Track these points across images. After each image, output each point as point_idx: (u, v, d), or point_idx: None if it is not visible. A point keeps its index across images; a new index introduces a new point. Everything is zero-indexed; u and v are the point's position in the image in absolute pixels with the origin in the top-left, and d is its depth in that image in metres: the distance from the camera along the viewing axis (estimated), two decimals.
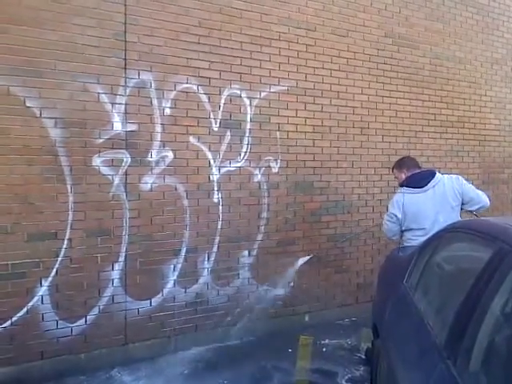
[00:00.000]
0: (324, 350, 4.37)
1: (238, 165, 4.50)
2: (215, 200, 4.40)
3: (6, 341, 3.54)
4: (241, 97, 4.48)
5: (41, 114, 3.59)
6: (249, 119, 4.53)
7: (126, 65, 3.91)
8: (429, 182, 3.78)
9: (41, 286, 3.66)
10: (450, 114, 5.89)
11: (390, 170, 4.33)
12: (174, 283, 4.23)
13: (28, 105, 3.54)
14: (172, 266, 4.21)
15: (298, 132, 4.82)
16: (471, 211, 3.90)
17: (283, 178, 4.76)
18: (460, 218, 3.77)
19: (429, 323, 2.21)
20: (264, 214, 4.68)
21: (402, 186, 3.92)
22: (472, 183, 4.10)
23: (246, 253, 4.60)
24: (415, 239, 3.69)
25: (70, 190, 3.72)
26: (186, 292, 4.29)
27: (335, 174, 5.07)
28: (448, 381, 1.71)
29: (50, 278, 3.69)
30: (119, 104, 3.90)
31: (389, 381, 2.60)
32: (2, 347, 3.52)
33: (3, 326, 3.54)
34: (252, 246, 4.63)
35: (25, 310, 3.61)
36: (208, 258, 4.39)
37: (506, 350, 1.67)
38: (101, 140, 3.83)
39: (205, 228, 4.36)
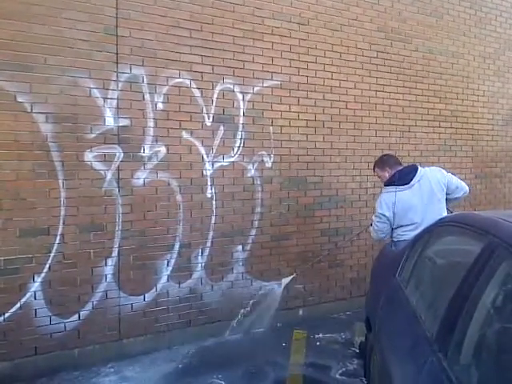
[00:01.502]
0: (318, 344, 4.39)
1: (232, 160, 4.50)
2: (208, 195, 4.39)
3: None
4: (234, 91, 4.46)
5: (32, 109, 3.56)
6: (242, 114, 4.52)
7: (117, 59, 3.88)
8: (413, 177, 3.75)
9: (33, 281, 3.65)
10: (443, 109, 5.91)
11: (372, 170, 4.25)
12: (168, 278, 4.23)
13: (19, 100, 3.51)
14: (165, 262, 4.21)
15: (291, 127, 4.81)
16: (451, 201, 3.92)
17: (277, 172, 4.76)
18: (446, 209, 3.82)
19: (420, 316, 2.23)
20: (258, 209, 4.68)
21: (387, 184, 3.88)
22: (464, 177, 4.11)
23: (240, 247, 4.60)
24: (405, 234, 3.69)
25: (62, 186, 3.70)
26: (179, 287, 4.29)
27: (328, 169, 5.08)
28: (439, 373, 1.72)
29: (42, 274, 3.68)
30: (111, 99, 3.87)
31: (382, 374, 2.62)
32: None
33: None
34: (246, 241, 4.63)
35: (18, 305, 3.60)
36: (202, 253, 4.39)
37: (496, 343, 1.68)
38: (93, 135, 3.81)
39: (198, 223, 4.35)
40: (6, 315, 3.56)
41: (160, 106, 4.10)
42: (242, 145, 4.53)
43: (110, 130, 3.88)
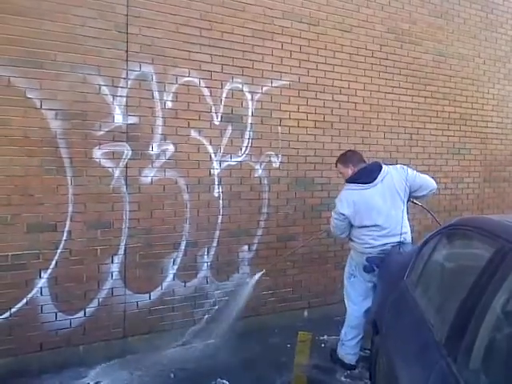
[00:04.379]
0: (323, 345, 4.37)
1: (239, 159, 4.49)
2: (216, 194, 4.38)
3: (5, 332, 3.54)
4: (242, 91, 4.46)
5: (41, 106, 3.57)
6: (250, 113, 4.51)
7: (127, 57, 3.89)
8: (377, 176, 3.62)
9: (40, 277, 3.66)
10: (453, 112, 5.87)
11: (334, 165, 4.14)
12: (174, 277, 4.23)
13: (28, 96, 3.52)
14: (172, 260, 4.21)
15: (300, 127, 4.80)
16: (417, 198, 3.87)
17: (284, 173, 4.75)
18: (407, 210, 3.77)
19: (429, 320, 2.21)
20: (264, 209, 4.67)
21: (350, 182, 3.74)
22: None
23: (246, 247, 4.59)
24: (370, 235, 3.63)
25: (70, 182, 3.71)
26: (185, 286, 4.29)
27: (336, 170, 5.02)
28: (448, 378, 1.70)
29: (49, 270, 3.68)
30: (120, 96, 3.88)
31: (388, 378, 2.60)
32: (1, 338, 3.53)
33: (2, 317, 3.54)
34: (252, 241, 4.62)
35: (24, 301, 3.61)
36: (208, 252, 4.39)
37: (506, 348, 1.67)
38: (101, 132, 3.81)
39: (205, 222, 4.35)
40: (13, 310, 3.57)
41: (169, 104, 4.10)
42: (249, 144, 4.53)
43: (118, 128, 3.88)
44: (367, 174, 3.65)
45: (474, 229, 2.30)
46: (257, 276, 4.33)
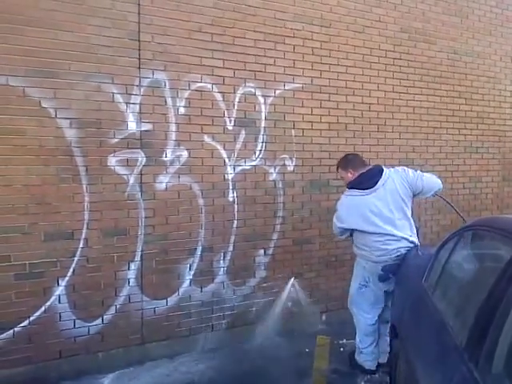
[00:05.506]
0: (342, 349, 4.32)
1: (253, 163, 4.48)
2: (230, 199, 4.38)
3: (24, 340, 3.57)
4: (255, 95, 4.45)
5: (56, 115, 3.60)
6: (263, 117, 4.50)
7: (140, 64, 3.91)
8: (378, 180, 3.53)
9: (58, 285, 3.68)
10: (469, 110, 5.78)
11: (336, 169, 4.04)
12: (190, 282, 4.23)
13: (43, 105, 3.56)
14: (188, 266, 4.21)
15: (314, 130, 4.77)
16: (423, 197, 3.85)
17: (299, 176, 4.72)
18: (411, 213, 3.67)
19: (448, 323, 2.16)
20: (280, 213, 4.65)
21: (349, 187, 3.67)
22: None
23: (262, 252, 4.57)
24: (380, 241, 3.53)
25: (85, 190, 3.73)
26: (201, 291, 4.29)
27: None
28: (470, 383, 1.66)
29: (66, 278, 3.71)
30: (134, 104, 3.90)
31: (408, 382, 2.55)
32: (21, 346, 3.55)
33: (21, 325, 3.57)
34: (268, 245, 4.60)
35: (42, 309, 3.64)
36: (224, 258, 4.38)
37: None
38: (116, 140, 3.84)
39: (220, 227, 4.34)
40: (31, 318, 3.60)
41: (182, 110, 4.11)
42: (263, 148, 4.51)
43: (132, 135, 3.90)
44: (368, 179, 3.57)
45: (494, 229, 2.25)
46: (289, 285, 4.38)
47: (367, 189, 3.53)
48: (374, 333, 3.75)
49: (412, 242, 3.59)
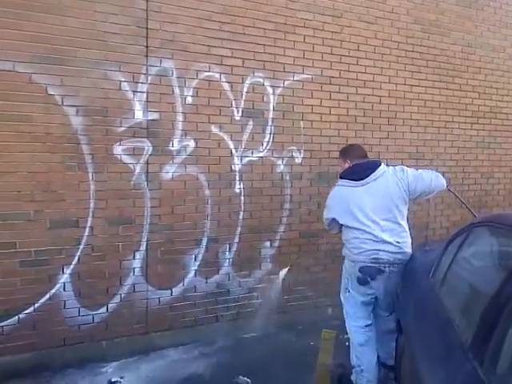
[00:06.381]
0: (347, 344, 4.27)
1: (261, 155, 4.43)
2: (237, 190, 4.34)
3: (28, 326, 3.59)
4: (264, 85, 4.39)
5: (62, 102, 3.58)
6: (272, 108, 4.44)
7: (147, 52, 3.87)
8: (370, 174, 3.27)
9: (63, 273, 3.69)
10: (482, 104, 5.68)
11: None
12: (195, 273, 4.21)
13: (50, 92, 3.54)
14: (193, 256, 4.19)
15: (323, 122, 4.71)
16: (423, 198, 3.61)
17: (306, 168, 4.67)
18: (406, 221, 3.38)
19: (454, 321, 2.11)
20: (287, 205, 4.61)
21: (340, 177, 3.46)
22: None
23: (268, 244, 4.54)
24: (358, 238, 3.27)
25: (91, 178, 3.72)
26: (206, 282, 4.27)
27: None
28: (475, 383, 1.62)
29: (71, 266, 3.71)
30: (141, 92, 3.87)
31: (412, 378, 2.51)
32: (25, 333, 3.57)
33: (26, 311, 3.58)
34: (274, 237, 4.57)
35: (47, 296, 3.65)
36: (229, 249, 4.35)
37: None
38: (122, 128, 3.81)
39: (226, 218, 4.31)
40: (36, 305, 3.61)
41: (189, 99, 4.07)
42: (271, 140, 4.46)
43: (139, 124, 3.88)
44: (360, 171, 3.33)
45: (504, 225, 2.20)
46: (284, 271, 4.19)
47: (357, 180, 3.30)
48: (368, 343, 3.42)
49: (401, 249, 3.28)
